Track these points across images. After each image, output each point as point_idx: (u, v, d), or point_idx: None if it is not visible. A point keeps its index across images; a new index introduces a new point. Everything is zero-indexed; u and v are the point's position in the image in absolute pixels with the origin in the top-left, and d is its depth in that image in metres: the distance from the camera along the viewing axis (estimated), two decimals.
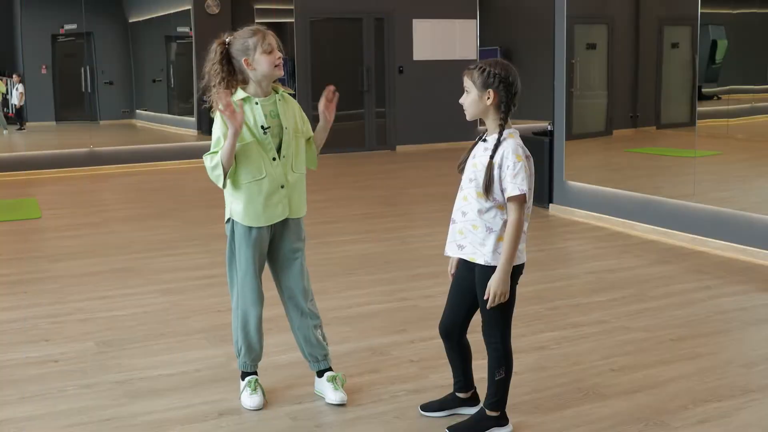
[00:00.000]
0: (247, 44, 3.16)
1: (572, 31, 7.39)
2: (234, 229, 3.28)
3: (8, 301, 4.95)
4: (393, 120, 12.73)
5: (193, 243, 6.46)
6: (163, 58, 12.99)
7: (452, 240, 3.03)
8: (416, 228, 7.01)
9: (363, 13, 12.47)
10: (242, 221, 3.24)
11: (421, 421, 3.22)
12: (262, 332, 3.39)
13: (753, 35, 6.23)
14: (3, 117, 11.73)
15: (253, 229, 3.24)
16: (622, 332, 4.23)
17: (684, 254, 5.91)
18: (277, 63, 3.17)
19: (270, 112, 3.22)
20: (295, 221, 3.33)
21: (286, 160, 3.23)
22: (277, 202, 3.23)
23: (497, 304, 2.91)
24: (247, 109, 3.18)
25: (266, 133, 3.18)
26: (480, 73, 2.89)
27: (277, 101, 3.24)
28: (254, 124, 3.18)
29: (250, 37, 3.16)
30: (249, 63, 3.16)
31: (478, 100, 2.91)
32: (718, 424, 3.16)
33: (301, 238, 3.37)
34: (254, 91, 3.22)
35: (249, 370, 3.42)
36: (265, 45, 3.14)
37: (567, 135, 7.45)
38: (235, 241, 3.29)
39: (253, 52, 3.15)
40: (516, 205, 2.86)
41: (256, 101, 3.20)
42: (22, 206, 8.27)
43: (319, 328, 3.42)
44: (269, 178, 3.20)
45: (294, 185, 3.27)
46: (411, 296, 4.92)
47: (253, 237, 3.25)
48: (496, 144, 2.89)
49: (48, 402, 3.45)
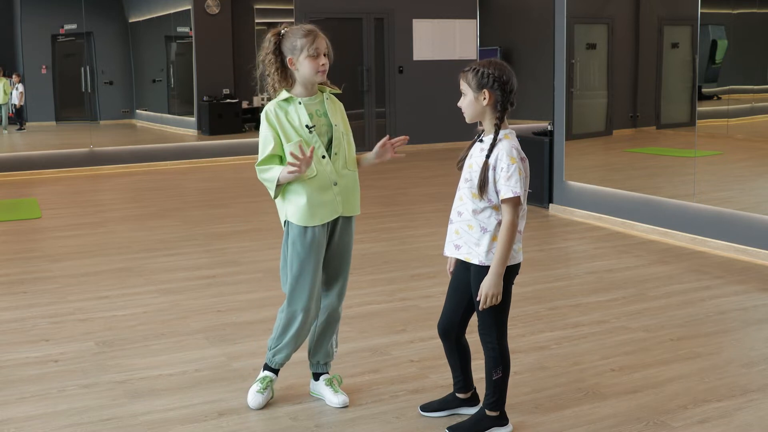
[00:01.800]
0: (295, 44, 3.14)
1: (572, 31, 7.39)
2: (289, 230, 3.23)
3: (8, 301, 4.95)
4: (393, 120, 12.73)
5: (193, 243, 6.46)
6: (163, 58, 12.99)
7: (450, 240, 3.04)
8: (416, 228, 7.01)
9: (363, 13, 12.48)
10: (297, 221, 3.19)
11: (421, 421, 3.22)
12: (301, 340, 3.33)
13: (753, 35, 6.23)
14: (5, 117, 11.73)
15: (308, 230, 3.19)
16: (622, 332, 4.23)
17: (684, 254, 5.91)
18: (321, 69, 3.15)
19: (316, 111, 3.20)
20: (347, 221, 3.30)
21: (337, 157, 3.21)
22: (330, 200, 3.20)
23: (490, 305, 2.90)
24: (291, 110, 3.17)
25: (311, 132, 3.16)
26: (474, 74, 2.90)
27: (324, 100, 3.23)
28: (299, 124, 3.16)
29: (301, 37, 3.14)
30: (293, 63, 3.16)
31: (474, 102, 2.92)
32: (718, 424, 3.16)
33: (352, 239, 3.34)
34: (299, 91, 3.21)
35: (272, 366, 3.38)
36: (312, 49, 3.12)
37: (567, 135, 7.45)
38: (289, 242, 3.23)
39: (299, 53, 3.13)
40: (510, 206, 2.87)
41: (299, 101, 3.19)
42: (22, 206, 8.27)
43: (336, 334, 3.41)
44: (320, 176, 3.17)
45: (346, 183, 3.24)
46: (411, 296, 4.92)
47: (308, 238, 3.19)
48: (492, 145, 2.89)
49: (48, 402, 3.45)
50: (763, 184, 6.13)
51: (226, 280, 5.34)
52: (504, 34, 13.92)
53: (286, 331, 3.29)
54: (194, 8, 11.94)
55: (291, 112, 3.18)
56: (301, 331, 3.28)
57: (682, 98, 6.90)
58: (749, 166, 6.44)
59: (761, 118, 6.31)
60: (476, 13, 13.08)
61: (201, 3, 11.93)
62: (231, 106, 12.21)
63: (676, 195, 6.41)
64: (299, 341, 3.33)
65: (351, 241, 3.34)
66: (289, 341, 3.31)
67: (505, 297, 2.95)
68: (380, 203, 8.22)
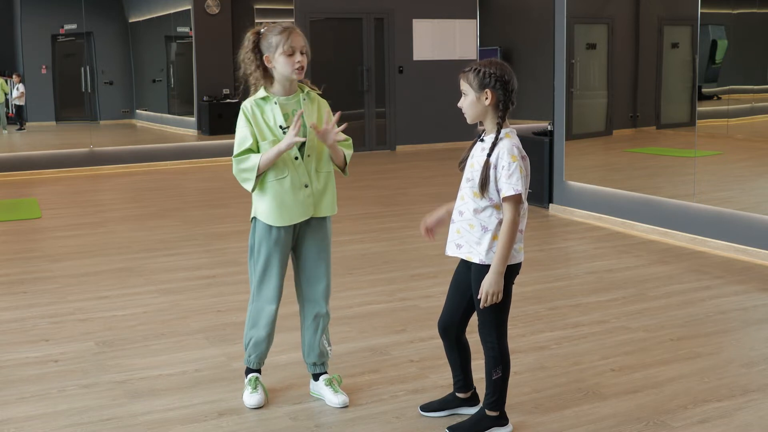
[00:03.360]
0: (271, 41, 3.16)
1: (572, 31, 7.39)
2: (256, 226, 3.28)
3: (8, 301, 4.95)
4: (393, 120, 12.72)
5: (193, 243, 6.46)
6: (163, 58, 12.99)
7: (451, 239, 3.05)
8: (416, 228, 6.96)
9: (363, 13, 12.47)
10: (265, 220, 3.23)
11: (421, 421, 3.22)
12: (272, 332, 3.37)
13: (753, 35, 6.23)
14: (4, 116, 11.73)
15: (273, 228, 3.23)
16: (622, 332, 4.23)
17: (684, 254, 5.91)
18: (297, 66, 3.15)
19: (292, 111, 3.21)
20: (320, 221, 3.31)
21: (310, 159, 3.23)
22: (300, 202, 3.22)
23: (490, 303, 2.91)
24: (267, 109, 3.19)
25: (285, 132, 3.17)
26: (475, 74, 2.90)
27: (301, 100, 3.24)
28: (274, 124, 3.18)
29: (277, 34, 3.15)
30: (269, 60, 3.17)
31: (476, 102, 2.92)
32: (718, 424, 3.16)
33: (327, 238, 3.35)
34: (277, 89, 3.22)
35: (252, 367, 3.42)
36: (287, 46, 3.13)
37: (567, 135, 7.45)
38: (256, 239, 3.28)
39: (274, 51, 3.15)
40: (511, 205, 2.87)
41: (275, 100, 3.20)
42: (22, 206, 8.27)
43: (326, 333, 3.41)
44: (292, 177, 3.19)
45: (319, 184, 3.26)
46: (411, 296, 4.92)
47: (273, 236, 3.24)
48: (493, 144, 2.90)
49: (48, 402, 3.45)
50: (763, 184, 6.13)
51: (226, 280, 5.34)
52: (504, 34, 13.93)
53: (257, 326, 3.34)
54: (194, 8, 11.94)
55: (267, 110, 3.20)
56: (271, 323, 3.33)
57: (682, 98, 6.90)
58: (749, 166, 6.44)
59: (761, 118, 6.31)
60: (476, 13, 13.08)
61: (201, 3, 11.93)
62: (231, 106, 12.20)
63: (676, 195, 6.41)
64: (270, 334, 3.37)
65: (327, 239, 3.35)
66: (261, 335, 3.35)
67: (505, 297, 2.95)
68: (380, 203, 8.22)
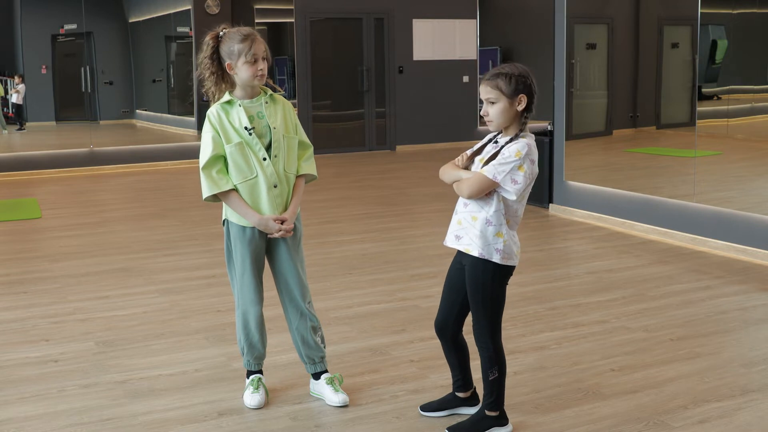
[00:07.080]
0: (233, 49, 3.16)
1: (572, 31, 7.39)
2: (229, 228, 3.31)
3: (8, 301, 4.95)
4: (393, 120, 12.72)
5: (193, 243, 6.46)
6: (163, 58, 12.99)
7: (451, 231, 3.03)
8: (416, 228, 7.01)
9: (363, 13, 12.47)
10: (237, 221, 3.27)
11: (421, 421, 3.22)
12: (263, 331, 3.40)
13: (753, 35, 6.22)
14: (2, 117, 11.73)
15: (246, 229, 3.26)
16: (622, 332, 4.23)
17: (684, 254, 5.91)
18: (259, 74, 3.17)
19: (257, 114, 3.24)
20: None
21: (278, 159, 3.24)
22: (270, 202, 3.24)
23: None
24: (232, 112, 3.22)
25: (251, 134, 3.19)
26: (507, 80, 2.85)
27: (263, 103, 3.25)
28: (239, 126, 3.20)
29: (239, 42, 3.15)
30: (231, 68, 3.19)
31: (509, 108, 2.87)
32: (718, 424, 3.16)
33: (297, 236, 3.36)
34: (240, 94, 3.25)
35: (253, 369, 3.43)
36: (249, 55, 3.14)
37: (567, 135, 7.46)
38: (231, 241, 3.31)
39: (236, 59, 3.16)
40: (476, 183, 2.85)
41: (239, 103, 3.22)
42: (22, 206, 8.27)
43: (318, 330, 3.42)
44: (260, 178, 3.21)
45: (288, 184, 3.28)
46: (411, 296, 4.92)
47: (247, 237, 3.26)
48: (507, 142, 2.88)
49: (48, 402, 3.45)
50: (763, 184, 6.13)
51: (226, 280, 5.29)
52: (504, 34, 13.91)
53: (247, 328, 3.36)
54: (194, 8, 11.93)
55: (233, 113, 3.22)
56: (260, 324, 3.36)
57: (682, 98, 6.90)
58: (749, 166, 6.44)
59: (761, 118, 6.30)
60: (476, 13, 13.08)
61: (201, 3, 11.93)
62: None
63: (676, 195, 6.41)
64: (262, 334, 3.38)
65: (297, 237, 3.36)
66: (253, 337, 3.37)
67: (499, 298, 2.96)
68: (380, 203, 8.22)
